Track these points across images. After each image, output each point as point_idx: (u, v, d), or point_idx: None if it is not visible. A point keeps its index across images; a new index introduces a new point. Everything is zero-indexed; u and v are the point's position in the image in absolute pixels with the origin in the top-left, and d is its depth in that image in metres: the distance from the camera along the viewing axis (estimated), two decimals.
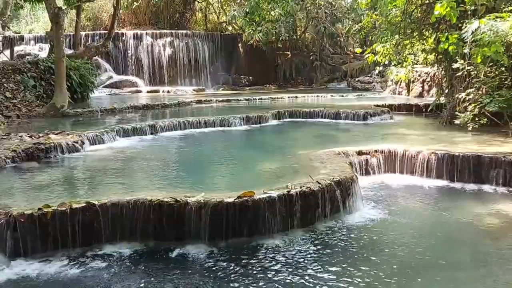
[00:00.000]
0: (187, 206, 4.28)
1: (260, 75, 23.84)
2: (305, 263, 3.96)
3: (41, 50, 19.57)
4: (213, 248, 4.23)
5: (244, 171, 6.41)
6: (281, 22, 22.37)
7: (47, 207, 4.12)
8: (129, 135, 8.85)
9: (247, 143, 9.16)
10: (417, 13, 10.85)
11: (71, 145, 7.28)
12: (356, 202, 5.21)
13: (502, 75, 8.69)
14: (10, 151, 6.51)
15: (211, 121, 10.23)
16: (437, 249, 4.33)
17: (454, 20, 7.54)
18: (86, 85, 14.54)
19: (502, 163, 6.11)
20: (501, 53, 7.54)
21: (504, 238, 4.57)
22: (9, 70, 12.89)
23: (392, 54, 11.08)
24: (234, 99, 16.10)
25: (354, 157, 6.62)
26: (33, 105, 12.17)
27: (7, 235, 3.98)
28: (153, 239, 4.32)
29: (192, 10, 26.87)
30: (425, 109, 11.89)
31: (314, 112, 11.68)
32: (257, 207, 4.37)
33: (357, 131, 9.58)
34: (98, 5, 24.99)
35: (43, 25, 26.93)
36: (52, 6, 12.24)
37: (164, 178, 5.80)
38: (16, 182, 5.54)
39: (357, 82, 22.06)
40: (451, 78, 10.07)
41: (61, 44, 12.22)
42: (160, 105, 13.90)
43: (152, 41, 21.96)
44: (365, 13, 18.35)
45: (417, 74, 15.89)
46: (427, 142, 7.59)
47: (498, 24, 7.34)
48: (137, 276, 3.77)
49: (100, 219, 4.23)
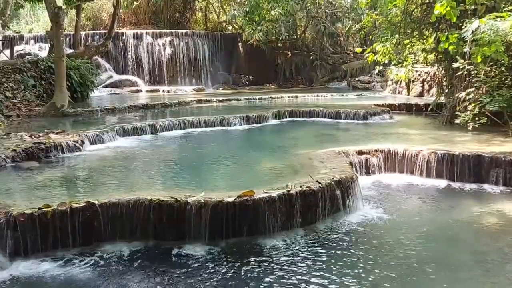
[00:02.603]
0: (187, 205, 4.29)
1: (260, 74, 23.84)
2: (305, 263, 3.96)
3: (41, 50, 19.57)
4: (213, 247, 4.23)
5: (244, 170, 6.40)
6: (281, 22, 22.36)
7: (47, 206, 4.13)
8: (129, 134, 8.86)
9: (247, 143, 9.15)
10: (417, 13, 10.85)
11: (71, 144, 7.29)
12: (356, 202, 5.21)
13: (502, 75, 8.70)
14: (10, 151, 6.51)
15: (211, 120, 10.24)
16: (437, 248, 4.33)
17: (454, 19, 7.54)
18: (86, 84, 14.54)
19: (502, 162, 6.11)
20: (501, 53, 7.54)
21: (504, 238, 4.57)
22: (9, 70, 12.89)
23: (392, 53, 11.07)
24: (234, 99, 16.10)
25: (354, 157, 6.62)
26: (33, 105, 12.17)
27: (7, 234, 3.99)
28: (153, 239, 4.32)
29: (192, 10, 26.86)
30: (425, 109, 11.88)
31: (314, 111, 11.68)
32: (257, 206, 4.37)
33: (357, 131, 9.58)
34: (98, 5, 24.99)
35: (43, 24, 26.93)
36: (52, 5, 12.24)
37: (164, 178, 5.81)
38: (16, 181, 5.55)
39: (357, 81, 22.06)
40: (451, 78, 10.07)
41: (61, 43, 12.23)
42: (160, 104, 13.90)
43: (152, 41, 21.95)
44: (365, 12, 18.35)
45: (417, 73, 15.88)
46: (427, 142, 7.59)
47: (498, 24, 7.34)
48: (137, 275, 3.77)
49: (100, 218, 4.24)
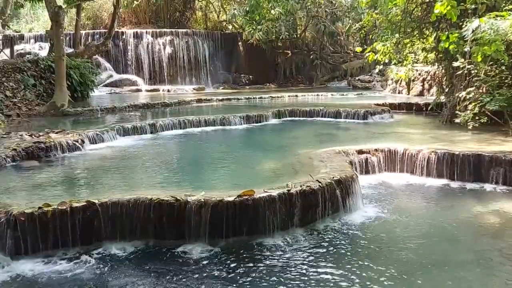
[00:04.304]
0: (187, 205, 4.28)
1: (260, 74, 23.83)
2: (305, 262, 3.96)
3: (41, 49, 19.56)
4: (213, 247, 4.23)
5: (244, 170, 6.41)
6: (281, 21, 22.35)
7: (47, 206, 4.13)
8: (129, 134, 8.85)
9: (247, 142, 9.15)
10: (418, 12, 10.84)
11: (71, 144, 7.29)
12: (356, 201, 5.21)
13: (502, 74, 8.69)
14: (11, 150, 6.52)
15: (211, 120, 10.24)
16: (437, 247, 4.33)
17: (455, 18, 7.53)
18: (86, 84, 14.54)
19: (502, 162, 6.11)
20: (502, 52, 7.53)
21: (504, 237, 4.57)
22: (9, 69, 12.88)
23: (392, 52, 11.06)
24: (234, 98, 16.09)
25: (354, 156, 6.62)
26: (33, 104, 12.18)
27: (7, 234, 3.99)
28: (153, 238, 4.32)
29: (192, 9, 26.85)
30: (426, 108, 11.87)
31: (314, 111, 11.68)
32: (257, 206, 4.37)
33: (357, 130, 9.58)
34: (98, 4, 24.97)
35: (43, 24, 26.90)
36: (52, 4, 12.24)
37: (164, 177, 5.81)
38: (16, 181, 5.55)
39: (357, 81, 22.05)
40: (451, 77, 10.07)
41: (61, 43, 12.23)
42: (160, 104, 13.89)
43: (152, 40, 21.95)
44: (366, 11, 18.33)
45: (418, 73, 15.88)
46: (427, 141, 7.59)
47: (499, 23, 7.33)
48: (137, 274, 3.78)
49: (100, 218, 4.23)
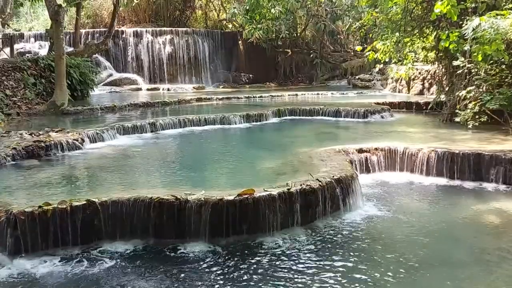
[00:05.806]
0: (187, 203, 4.29)
1: (260, 72, 23.81)
2: (305, 261, 3.97)
3: (41, 48, 19.51)
4: (213, 246, 4.23)
5: (244, 169, 6.41)
6: (281, 20, 22.31)
7: (47, 205, 4.13)
8: (129, 133, 8.84)
9: (247, 141, 9.15)
10: (418, 11, 10.83)
11: (71, 143, 7.29)
12: (356, 200, 5.21)
13: (502, 73, 8.68)
14: (10, 149, 6.52)
15: (211, 119, 10.22)
16: (437, 246, 4.34)
17: (455, 17, 7.52)
18: (86, 82, 14.52)
19: (502, 161, 6.11)
20: (502, 51, 7.52)
21: (504, 236, 4.57)
22: (9, 68, 12.86)
23: (392, 51, 11.05)
24: (234, 97, 16.07)
25: (355, 155, 6.62)
26: (33, 103, 12.16)
27: (7, 232, 3.99)
28: (153, 237, 4.33)
29: (192, 8, 26.81)
30: (426, 107, 11.85)
31: (314, 110, 11.66)
32: (258, 205, 4.38)
33: (357, 129, 9.58)
34: (98, 3, 24.94)
35: (43, 22, 26.87)
36: (52, 3, 12.22)
37: (164, 176, 5.81)
38: (16, 179, 5.55)
39: (357, 80, 22.00)
40: (451, 76, 10.06)
41: (61, 42, 12.21)
42: (160, 103, 13.87)
43: (152, 39, 21.91)
44: (366, 10, 18.29)
45: (418, 72, 15.85)
46: (427, 140, 7.59)
47: (499, 22, 7.32)
48: (137, 273, 3.78)
49: (100, 216, 4.24)
